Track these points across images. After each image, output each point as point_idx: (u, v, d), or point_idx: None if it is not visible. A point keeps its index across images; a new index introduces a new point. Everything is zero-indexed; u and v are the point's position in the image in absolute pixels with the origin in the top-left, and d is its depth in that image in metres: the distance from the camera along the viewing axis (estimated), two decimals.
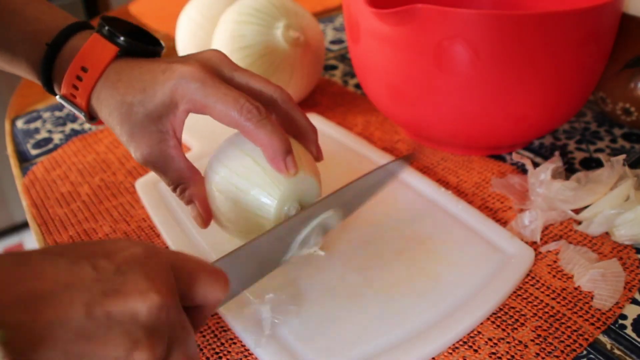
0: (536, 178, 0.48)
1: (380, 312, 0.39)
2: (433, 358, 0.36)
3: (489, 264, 0.42)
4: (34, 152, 0.63)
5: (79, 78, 0.39)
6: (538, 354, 0.36)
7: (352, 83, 0.73)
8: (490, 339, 0.38)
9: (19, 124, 0.69)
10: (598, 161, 0.55)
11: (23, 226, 1.76)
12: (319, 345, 0.37)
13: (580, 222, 0.47)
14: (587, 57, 0.48)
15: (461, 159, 0.56)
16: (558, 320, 0.39)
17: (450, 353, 0.37)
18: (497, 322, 0.39)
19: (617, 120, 0.59)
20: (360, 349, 0.36)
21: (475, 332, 0.38)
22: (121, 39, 0.39)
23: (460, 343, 0.37)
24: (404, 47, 0.48)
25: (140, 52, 0.40)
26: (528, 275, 0.42)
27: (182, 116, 0.38)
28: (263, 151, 0.38)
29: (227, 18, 0.60)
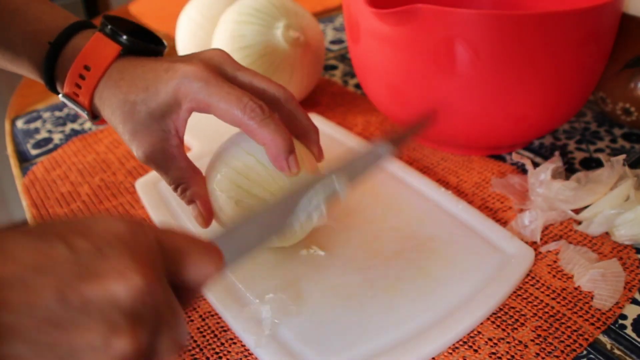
0: (536, 178, 0.48)
1: (380, 312, 0.39)
2: (433, 358, 0.36)
3: (489, 264, 0.42)
4: (34, 152, 0.63)
5: (81, 77, 0.39)
6: (538, 354, 0.36)
7: (352, 83, 0.73)
8: (490, 339, 0.38)
9: (19, 124, 0.69)
10: (598, 161, 0.55)
11: None
12: (319, 345, 0.37)
13: (580, 222, 0.47)
14: (587, 57, 0.48)
15: (461, 159, 0.56)
16: (558, 320, 0.39)
17: (450, 353, 0.37)
18: (497, 322, 0.39)
19: (617, 120, 0.59)
20: (360, 349, 0.36)
21: (475, 332, 0.38)
22: (124, 38, 0.39)
23: (460, 343, 0.37)
24: (404, 47, 0.48)
25: (143, 51, 0.40)
26: (528, 275, 0.42)
27: (185, 115, 0.38)
28: (266, 150, 0.38)
29: (227, 18, 0.60)
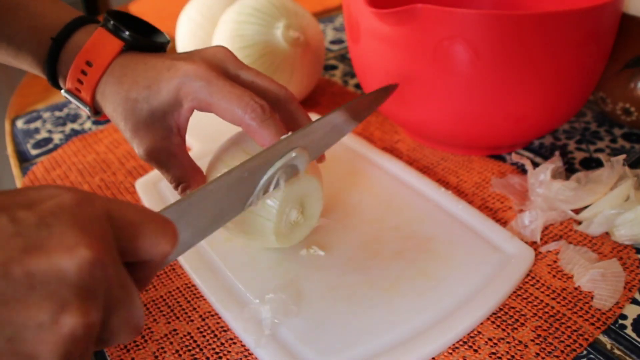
0: (536, 178, 0.48)
1: (380, 312, 0.39)
2: (433, 358, 0.36)
3: (489, 264, 0.42)
4: (34, 152, 0.63)
5: (83, 72, 0.39)
6: (538, 354, 0.36)
7: (352, 83, 0.73)
8: (490, 339, 0.38)
9: (19, 124, 0.69)
10: (598, 161, 0.55)
11: None
12: (319, 345, 0.37)
13: (580, 222, 0.47)
14: (587, 57, 0.48)
15: (461, 159, 0.56)
16: (558, 320, 0.39)
17: (450, 353, 0.37)
18: (497, 322, 0.39)
19: (617, 120, 0.59)
20: (360, 349, 0.36)
21: (475, 332, 0.38)
22: (126, 34, 0.39)
23: (460, 343, 0.37)
24: (404, 47, 0.48)
25: (146, 47, 0.40)
26: (528, 275, 0.42)
27: (187, 114, 0.38)
28: None
29: (227, 18, 0.60)
